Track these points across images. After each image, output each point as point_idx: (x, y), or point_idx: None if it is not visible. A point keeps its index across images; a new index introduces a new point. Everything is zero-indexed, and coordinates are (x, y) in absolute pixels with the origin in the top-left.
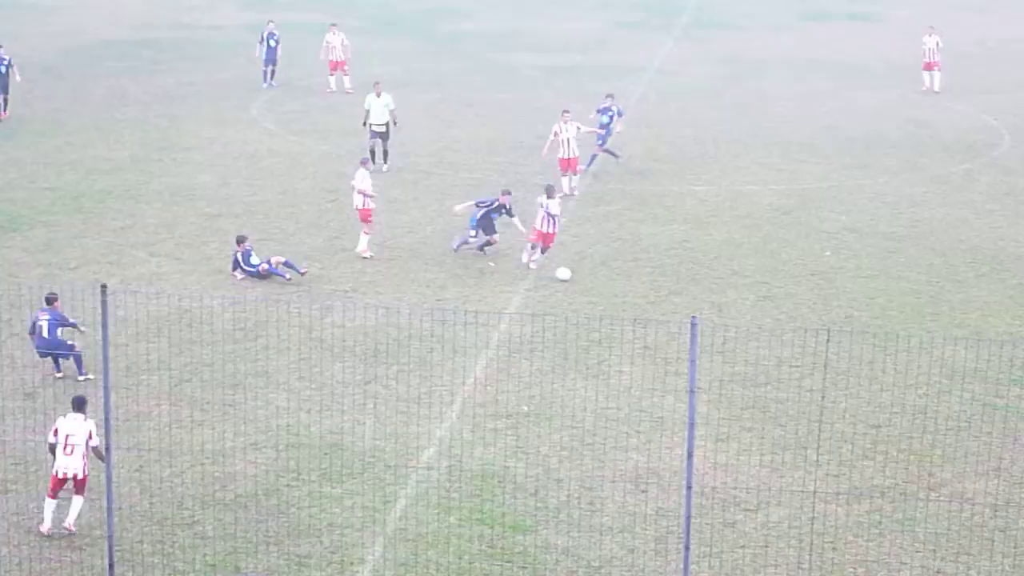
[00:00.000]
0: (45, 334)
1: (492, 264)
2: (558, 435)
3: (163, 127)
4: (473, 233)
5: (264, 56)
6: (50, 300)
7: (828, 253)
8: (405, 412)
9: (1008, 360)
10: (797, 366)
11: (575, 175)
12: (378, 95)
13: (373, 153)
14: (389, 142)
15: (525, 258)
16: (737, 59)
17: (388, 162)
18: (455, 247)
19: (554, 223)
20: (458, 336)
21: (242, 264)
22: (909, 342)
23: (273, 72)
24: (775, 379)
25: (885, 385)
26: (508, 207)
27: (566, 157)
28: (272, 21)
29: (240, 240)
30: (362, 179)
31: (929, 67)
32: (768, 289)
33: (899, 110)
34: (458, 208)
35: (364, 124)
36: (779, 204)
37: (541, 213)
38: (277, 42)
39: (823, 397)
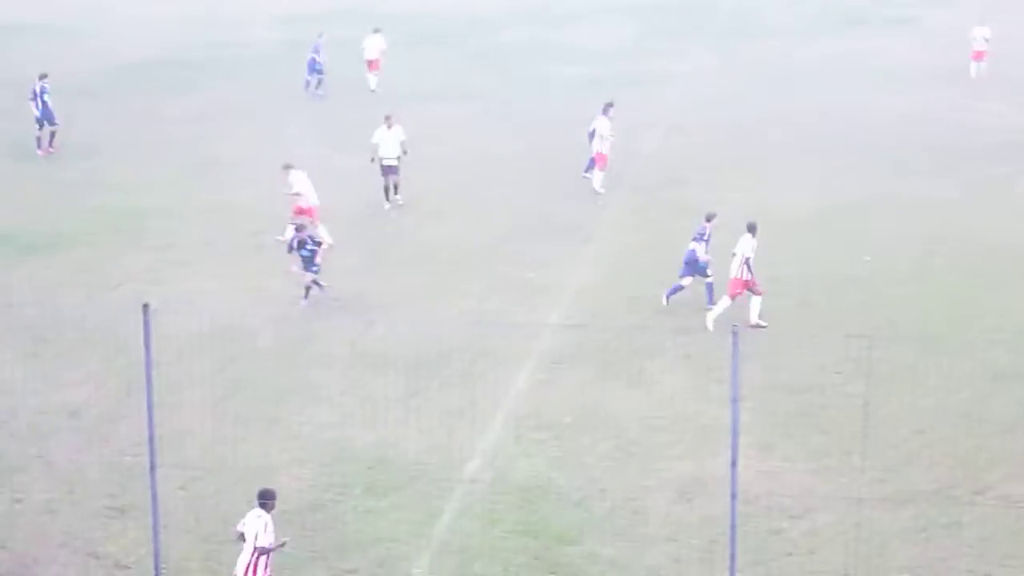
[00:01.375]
0: None
1: (533, 275)
2: (602, 445)
3: (201, 146)
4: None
5: (308, 67)
6: None
7: (868, 258)
8: (449, 425)
9: None
10: (839, 372)
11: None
12: (389, 127)
13: (387, 189)
14: (400, 176)
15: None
16: (770, 66)
17: (400, 194)
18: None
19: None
20: (500, 348)
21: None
22: (951, 345)
23: (320, 82)
24: (818, 386)
25: (928, 390)
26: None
27: (604, 153)
28: (323, 34)
29: (299, 228)
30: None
31: (978, 56)
32: (807, 296)
33: (936, 114)
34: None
35: (372, 160)
36: (815, 211)
37: (739, 261)
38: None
39: (866, 403)
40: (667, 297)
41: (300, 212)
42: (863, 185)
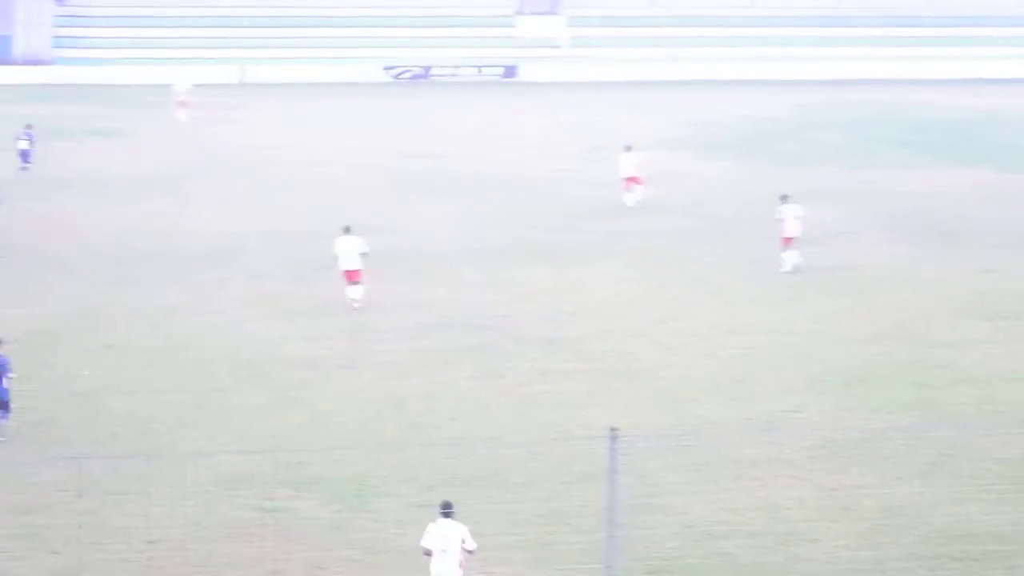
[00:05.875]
0: None
1: None
2: None
3: None
4: None
5: None
6: None
7: (86, 372)
8: None
9: (275, 463)
10: (66, 490)
11: None
12: None
13: None
14: None
15: None
16: None
17: None
18: None
19: None
20: None
21: None
22: (174, 454)
23: None
24: (47, 505)
25: (156, 500)
26: None
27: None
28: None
29: None
30: None
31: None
32: (34, 414)
33: (150, 223)
34: None
35: None
36: (33, 327)
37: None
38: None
39: (80, 526)
40: None
41: None
42: (78, 297)
